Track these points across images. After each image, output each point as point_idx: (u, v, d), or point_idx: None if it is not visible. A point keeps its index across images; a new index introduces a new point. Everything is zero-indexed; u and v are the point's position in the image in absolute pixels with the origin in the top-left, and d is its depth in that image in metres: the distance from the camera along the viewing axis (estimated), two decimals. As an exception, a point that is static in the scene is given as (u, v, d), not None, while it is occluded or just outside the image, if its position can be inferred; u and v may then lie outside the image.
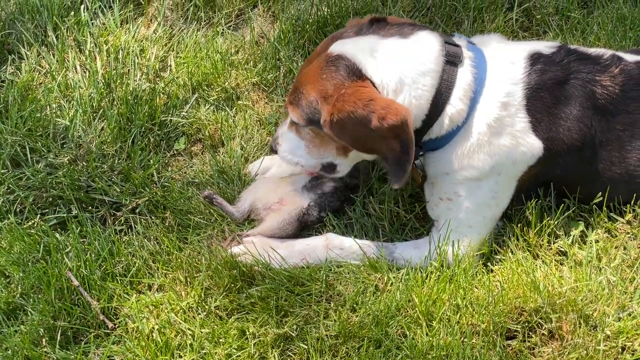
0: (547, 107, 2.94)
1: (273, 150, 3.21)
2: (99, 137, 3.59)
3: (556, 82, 2.96)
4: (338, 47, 2.91)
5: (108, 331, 2.98)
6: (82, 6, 4.18)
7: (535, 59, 2.99)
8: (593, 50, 3.10)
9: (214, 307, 2.97)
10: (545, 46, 3.06)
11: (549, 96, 2.95)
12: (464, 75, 2.90)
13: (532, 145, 2.93)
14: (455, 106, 2.89)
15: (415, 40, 2.91)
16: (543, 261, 3.03)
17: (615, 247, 3.06)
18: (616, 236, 3.09)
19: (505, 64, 2.97)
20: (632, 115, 3.02)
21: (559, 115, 2.95)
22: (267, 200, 3.26)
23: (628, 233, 3.09)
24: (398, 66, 2.85)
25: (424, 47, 2.89)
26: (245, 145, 3.60)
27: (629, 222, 3.10)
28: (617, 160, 3.03)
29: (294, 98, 2.96)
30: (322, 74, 2.88)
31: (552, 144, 2.95)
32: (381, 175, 3.38)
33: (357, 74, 2.83)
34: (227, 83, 3.85)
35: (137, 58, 3.97)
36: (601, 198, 3.08)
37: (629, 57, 3.12)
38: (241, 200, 3.30)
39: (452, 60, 2.90)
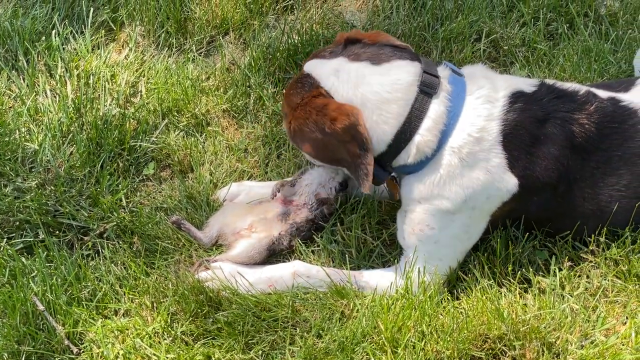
0: (526, 146, 2.95)
1: None
2: (67, 161, 3.59)
3: (536, 120, 2.97)
4: (309, 67, 3.05)
5: (73, 356, 2.96)
6: (54, 31, 4.19)
7: (517, 97, 2.99)
8: (569, 86, 3.12)
9: (180, 332, 2.97)
10: (527, 84, 3.07)
11: (527, 135, 2.95)
12: (436, 107, 2.91)
13: (508, 182, 2.94)
14: (423, 136, 2.90)
15: (388, 68, 2.94)
16: (508, 289, 3.05)
17: (579, 276, 3.10)
18: (579, 265, 3.13)
19: (483, 100, 2.97)
20: (606, 152, 3.04)
21: (537, 154, 2.96)
22: (236, 225, 3.27)
23: (591, 262, 3.13)
24: (360, 90, 2.90)
25: (394, 76, 2.91)
26: (214, 171, 3.62)
27: (592, 252, 3.14)
28: (590, 196, 3.05)
29: (282, 111, 3.22)
30: (291, 90, 3.05)
31: (528, 181, 2.96)
32: (351, 204, 3.41)
33: (315, 87, 2.97)
34: (197, 109, 3.87)
35: (108, 83, 3.99)
36: (569, 234, 3.12)
37: (602, 93, 3.14)
38: (209, 226, 3.31)
39: (426, 91, 2.91)
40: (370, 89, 2.90)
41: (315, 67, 3.01)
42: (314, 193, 3.32)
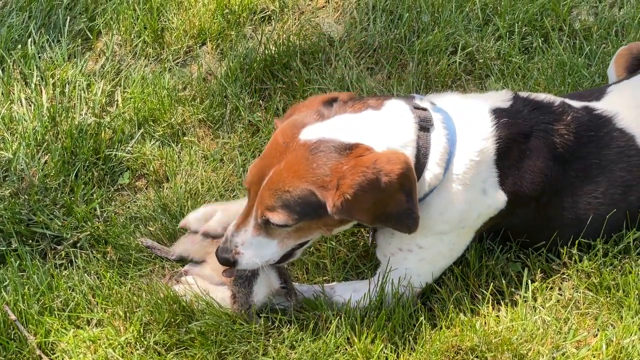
0: (515, 161, 2.96)
1: (229, 263, 2.92)
2: (42, 170, 3.58)
3: (522, 135, 2.98)
4: (312, 133, 2.78)
5: (44, 366, 2.95)
6: (30, 40, 4.18)
7: (499, 113, 2.99)
8: (543, 97, 3.15)
9: (153, 342, 2.95)
10: (500, 100, 3.06)
11: (516, 150, 2.96)
12: (438, 140, 2.87)
13: (498, 199, 2.95)
14: (432, 171, 2.86)
15: (388, 110, 2.87)
16: (481, 301, 3.06)
17: (551, 288, 3.12)
18: (552, 277, 3.14)
19: (472, 120, 2.96)
20: (584, 161, 3.07)
21: (524, 168, 2.97)
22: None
23: (563, 274, 3.15)
24: (384, 139, 2.78)
25: (399, 118, 2.86)
26: (189, 181, 3.61)
27: (564, 264, 3.16)
28: (569, 205, 3.08)
29: (276, 202, 2.75)
30: (311, 164, 2.72)
31: (515, 196, 2.97)
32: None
33: (349, 148, 2.73)
34: (173, 119, 3.87)
35: (84, 92, 3.98)
36: (545, 246, 3.15)
37: (576, 103, 3.18)
38: (176, 247, 3.28)
39: (424, 126, 2.86)
40: (390, 137, 2.80)
41: (322, 131, 2.77)
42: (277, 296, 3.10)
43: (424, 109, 2.92)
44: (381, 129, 2.81)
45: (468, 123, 2.96)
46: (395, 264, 3.01)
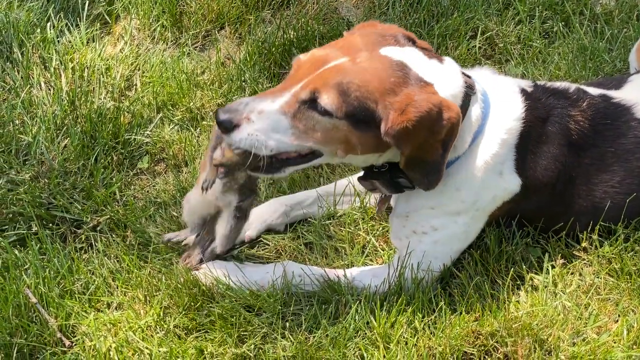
0: (532, 146, 2.96)
1: (227, 125, 2.62)
2: (61, 154, 3.58)
3: (540, 119, 2.97)
4: (396, 54, 2.75)
5: (65, 349, 2.95)
6: (49, 24, 4.18)
7: (526, 95, 2.99)
8: (559, 84, 3.14)
9: (173, 325, 2.96)
10: (524, 84, 3.07)
11: (535, 134, 2.96)
12: (475, 109, 2.88)
13: (512, 183, 2.95)
14: (461, 136, 2.85)
15: (448, 66, 2.87)
16: (500, 286, 3.06)
17: (571, 273, 3.11)
18: (572, 262, 3.13)
19: (505, 99, 2.96)
20: (600, 148, 3.05)
21: (539, 153, 2.97)
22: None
23: (584, 260, 3.14)
24: (445, 85, 2.78)
25: (455, 74, 2.86)
26: (208, 166, 3.61)
27: (585, 249, 3.15)
28: (585, 193, 3.07)
29: (338, 85, 2.64)
30: (389, 78, 2.68)
31: (529, 181, 2.96)
32: (343, 200, 3.41)
33: (425, 83, 2.72)
34: (192, 103, 3.87)
35: (103, 76, 3.98)
36: (564, 232, 3.13)
37: (593, 90, 3.16)
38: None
39: (469, 92, 2.86)
40: (450, 86, 2.80)
41: (405, 57, 2.76)
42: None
43: (469, 76, 2.92)
44: (442, 80, 2.79)
45: (501, 100, 2.96)
46: (410, 247, 3.01)
